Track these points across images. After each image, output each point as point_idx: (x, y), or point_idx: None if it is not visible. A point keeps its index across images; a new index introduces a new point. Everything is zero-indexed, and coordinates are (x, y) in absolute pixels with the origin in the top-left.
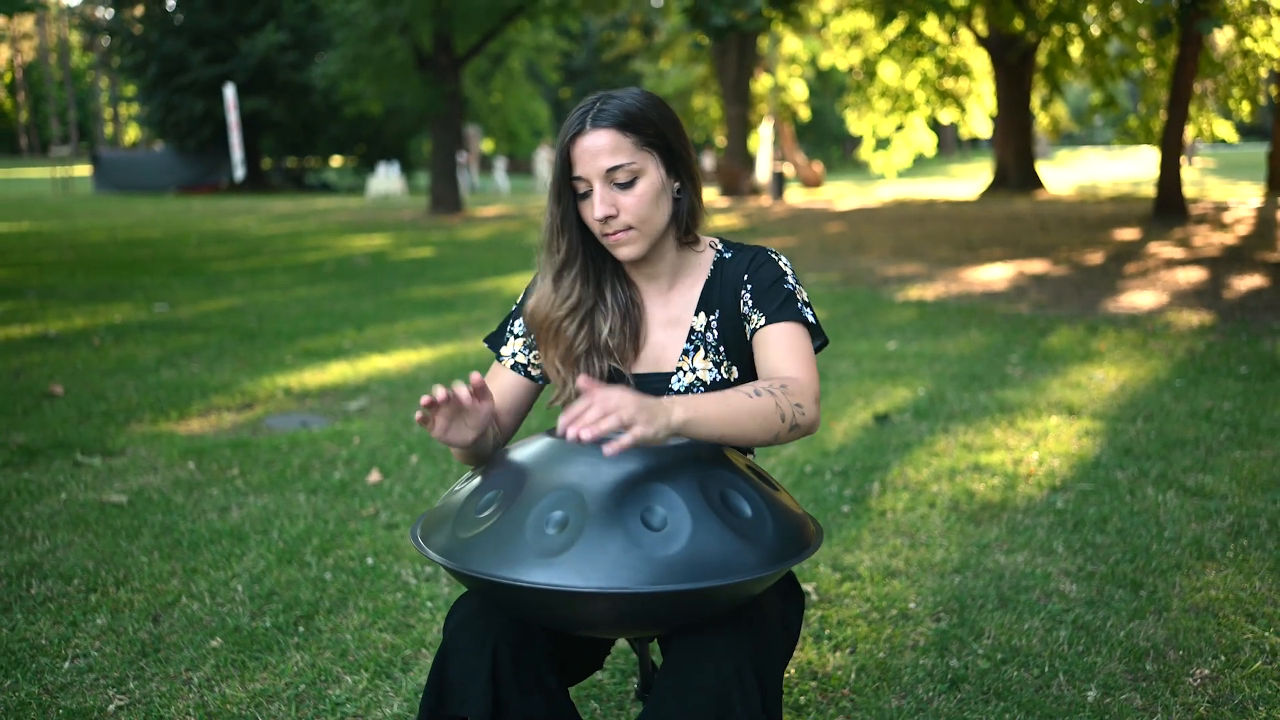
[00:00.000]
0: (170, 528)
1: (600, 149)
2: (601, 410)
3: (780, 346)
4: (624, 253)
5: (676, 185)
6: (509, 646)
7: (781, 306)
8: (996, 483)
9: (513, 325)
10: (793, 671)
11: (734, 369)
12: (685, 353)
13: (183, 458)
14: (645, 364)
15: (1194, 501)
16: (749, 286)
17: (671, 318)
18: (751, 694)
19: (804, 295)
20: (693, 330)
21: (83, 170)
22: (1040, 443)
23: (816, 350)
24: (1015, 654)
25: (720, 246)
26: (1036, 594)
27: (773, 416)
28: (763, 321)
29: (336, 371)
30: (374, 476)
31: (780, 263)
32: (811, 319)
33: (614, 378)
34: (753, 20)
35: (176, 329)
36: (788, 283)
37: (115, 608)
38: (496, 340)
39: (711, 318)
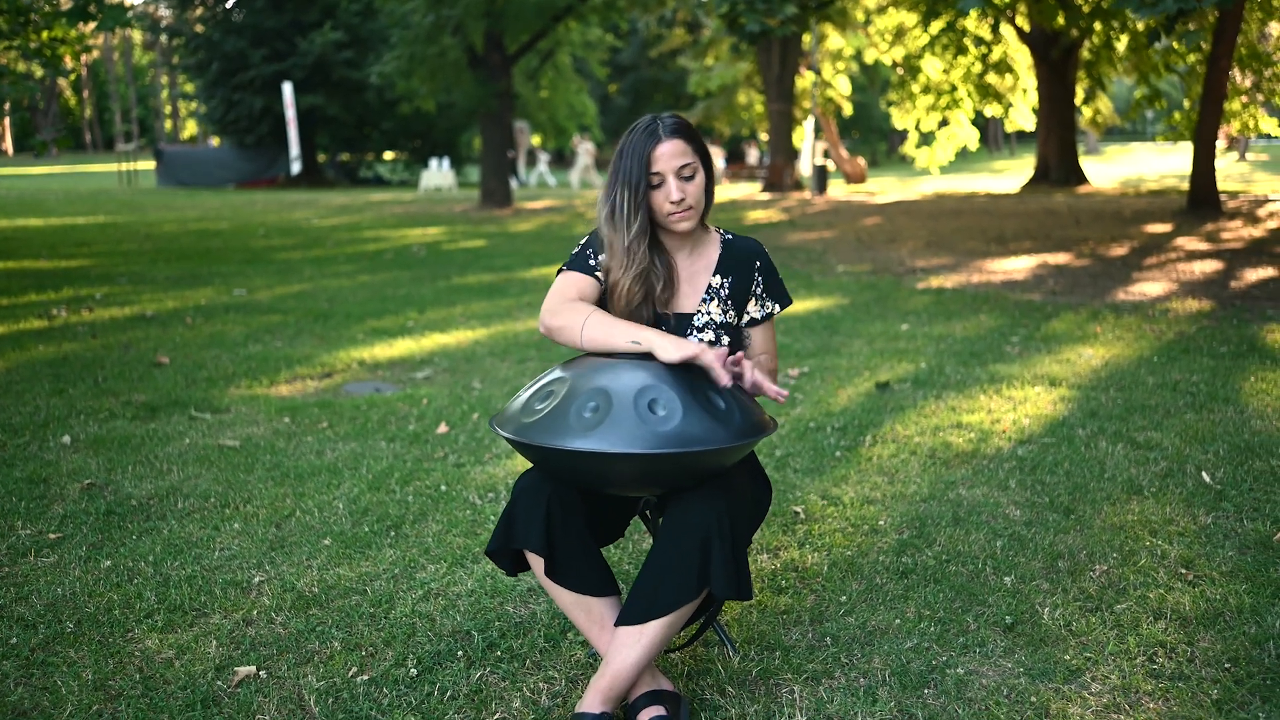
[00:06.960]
0: (278, 464)
1: (675, 152)
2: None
3: (770, 333)
4: (683, 227)
5: (705, 181)
6: (558, 503)
7: (783, 296)
8: (972, 436)
9: (592, 259)
10: (778, 565)
11: (736, 315)
12: (704, 300)
13: (279, 414)
14: (675, 307)
15: (1138, 452)
16: (762, 270)
17: (692, 275)
18: (725, 538)
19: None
20: (710, 286)
21: (146, 165)
22: (1019, 407)
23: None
24: (957, 556)
25: (720, 230)
26: (985, 516)
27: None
28: (776, 308)
29: (403, 347)
30: (442, 429)
31: (769, 256)
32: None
33: (658, 319)
34: (784, 26)
35: (257, 310)
36: (777, 274)
37: (245, 518)
38: (576, 263)
39: (726, 280)
